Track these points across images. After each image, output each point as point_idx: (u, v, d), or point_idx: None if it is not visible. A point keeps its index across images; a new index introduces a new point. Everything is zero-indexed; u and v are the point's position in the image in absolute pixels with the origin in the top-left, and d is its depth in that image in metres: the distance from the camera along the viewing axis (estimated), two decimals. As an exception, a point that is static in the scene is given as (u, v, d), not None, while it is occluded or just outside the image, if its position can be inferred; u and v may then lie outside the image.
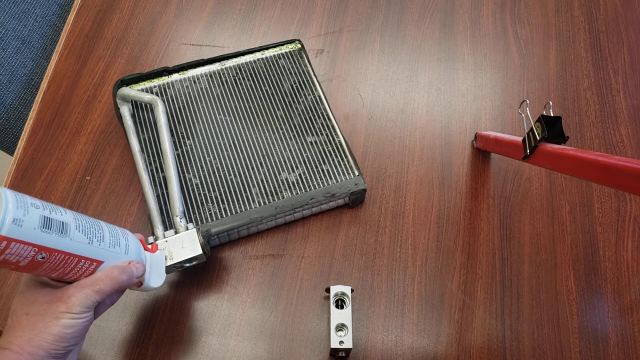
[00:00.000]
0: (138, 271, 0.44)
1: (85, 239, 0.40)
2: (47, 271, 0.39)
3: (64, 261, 0.39)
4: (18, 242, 0.35)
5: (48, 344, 0.36)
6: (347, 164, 0.64)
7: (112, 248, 0.43)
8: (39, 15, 0.85)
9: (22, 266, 0.37)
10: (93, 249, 0.41)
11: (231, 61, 0.71)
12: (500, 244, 0.63)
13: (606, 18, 0.81)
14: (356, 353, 0.57)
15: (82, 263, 0.40)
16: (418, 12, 0.80)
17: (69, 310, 0.37)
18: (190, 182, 0.62)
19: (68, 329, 0.37)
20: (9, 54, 0.80)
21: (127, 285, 0.43)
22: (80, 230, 0.40)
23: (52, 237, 0.37)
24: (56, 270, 0.39)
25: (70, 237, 0.39)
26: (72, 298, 0.37)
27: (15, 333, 0.36)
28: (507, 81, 0.75)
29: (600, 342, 0.58)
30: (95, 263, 0.41)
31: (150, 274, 0.48)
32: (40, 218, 0.37)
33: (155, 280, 0.49)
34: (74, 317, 0.37)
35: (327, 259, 0.62)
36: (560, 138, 0.50)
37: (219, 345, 0.57)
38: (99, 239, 0.42)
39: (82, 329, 0.38)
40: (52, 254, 0.37)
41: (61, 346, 0.37)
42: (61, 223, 0.39)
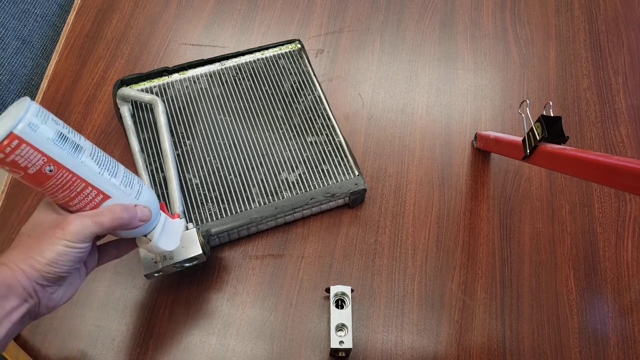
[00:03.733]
0: (143, 214, 0.42)
1: (97, 168, 0.40)
2: (52, 189, 0.39)
3: (70, 183, 0.39)
4: (29, 145, 0.36)
5: (40, 266, 0.37)
6: (347, 164, 0.64)
7: (122, 187, 0.42)
8: (39, 15, 0.85)
9: (30, 175, 0.37)
10: (102, 181, 0.41)
11: (231, 61, 0.71)
12: (500, 244, 0.63)
13: (606, 18, 0.81)
14: (356, 353, 0.57)
15: (88, 190, 0.40)
16: (418, 12, 0.80)
17: (64, 237, 0.37)
18: (190, 182, 0.62)
19: (61, 255, 0.37)
20: (9, 54, 0.80)
21: (128, 224, 0.41)
22: (94, 159, 0.40)
23: (63, 153, 0.38)
24: (62, 190, 0.39)
25: (81, 160, 0.39)
26: (70, 225, 0.38)
27: (15, 251, 0.37)
28: (507, 81, 0.75)
29: (600, 342, 0.58)
30: (101, 195, 0.41)
31: (161, 234, 0.46)
32: (56, 132, 0.38)
33: (166, 242, 0.47)
34: (68, 245, 0.37)
35: (327, 259, 0.62)
36: (560, 138, 0.50)
37: (219, 345, 0.57)
38: (112, 174, 0.42)
39: (75, 259, 0.38)
40: (60, 169, 0.38)
41: (53, 271, 0.37)
42: (76, 144, 0.39)
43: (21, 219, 0.62)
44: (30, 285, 0.37)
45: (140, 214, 0.42)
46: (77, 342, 0.56)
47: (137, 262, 0.60)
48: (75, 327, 0.57)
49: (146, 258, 0.53)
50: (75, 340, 0.56)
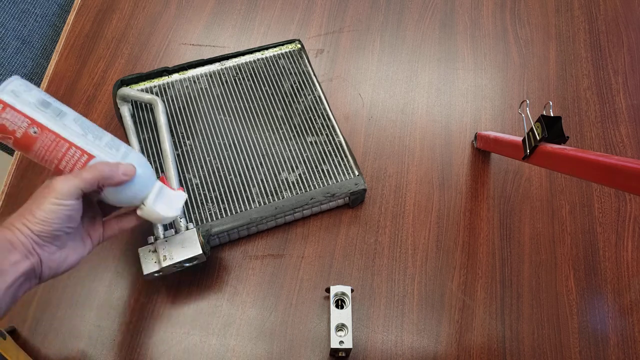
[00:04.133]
0: (126, 169, 0.43)
1: (81, 130, 0.43)
2: (41, 152, 0.42)
3: (55, 143, 0.42)
4: (13, 108, 0.40)
5: (33, 225, 0.39)
6: (347, 164, 0.64)
7: (107, 148, 0.44)
8: (39, 15, 0.85)
9: (19, 139, 0.41)
10: (86, 142, 0.43)
11: (231, 61, 0.71)
12: (500, 244, 0.63)
13: (606, 18, 0.81)
14: (356, 353, 0.57)
15: (72, 151, 0.42)
16: (418, 12, 0.80)
17: (51, 195, 0.39)
18: (190, 182, 0.62)
19: (50, 213, 0.39)
20: (9, 54, 0.80)
21: (110, 178, 0.42)
22: (78, 124, 0.43)
23: (46, 116, 0.42)
24: (49, 152, 0.42)
25: (64, 123, 0.42)
26: (57, 184, 0.40)
27: (12, 216, 0.41)
28: (507, 81, 0.75)
29: (600, 342, 0.58)
30: (86, 155, 0.43)
31: (156, 199, 0.47)
32: (39, 98, 0.42)
33: (162, 208, 0.47)
34: (55, 202, 0.40)
35: (327, 259, 0.62)
36: (560, 138, 0.50)
37: (219, 345, 0.57)
38: (96, 137, 0.44)
39: (64, 216, 0.40)
40: (44, 131, 0.41)
41: (45, 229, 0.39)
42: (59, 110, 0.43)
43: (21, 219, 0.62)
44: (29, 242, 0.39)
45: (123, 169, 0.43)
46: (77, 342, 0.56)
47: (137, 262, 0.60)
48: (75, 327, 0.57)
49: (146, 258, 0.53)
50: (75, 340, 0.56)
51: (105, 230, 0.47)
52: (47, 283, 0.59)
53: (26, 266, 0.39)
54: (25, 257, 0.39)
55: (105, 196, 0.45)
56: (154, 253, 0.54)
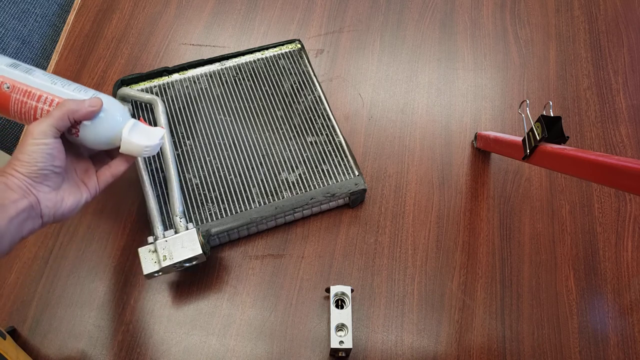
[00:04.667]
0: (92, 102, 0.47)
1: (49, 81, 0.49)
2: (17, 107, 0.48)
3: (27, 95, 0.48)
4: None
5: (20, 167, 0.44)
6: (347, 164, 0.64)
7: (75, 92, 0.49)
8: (39, 15, 0.85)
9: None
10: (54, 89, 0.48)
11: (231, 61, 0.71)
12: (500, 244, 0.63)
13: (606, 18, 0.81)
14: (356, 353, 0.57)
15: (44, 98, 0.48)
16: (418, 12, 0.80)
17: (30, 137, 0.44)
18: (190, 182, 0.62)
19: (32, 154, 0.44)
20: (9, 54, 0.80)
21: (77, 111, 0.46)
22: (46, 77, 0.49)
23: (16, 73, 0.48)
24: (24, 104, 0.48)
25: (33, 77, 0.48)
26: (32, 127, 0.45)
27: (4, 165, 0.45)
28: (507, 81, 0.75)
29: (600, 342, 0.58)
30: (56, 99, 0.48)
31: (132, 131, 0.49)
32: (8, 61, 0.49)
33: (138, 137, 0.49)
34: (34, 144, 0.44)
35: (327, 259, 0.62)
36: (560, 138, 0.50)
37: (219, 345, 0.57)
38: (64, 85, 0.49)
39: (45, 154, 0.44)
40: (16, 85, 0.47)
41: (31, 170, 0.44)
42: (28, 68, 0.49)
43: (21, 219, 0.62)
44: (23, 184, 0.43)
45: (89, 102, 0.47)
46: (77, 342, 0.56)
47: (137, 262, 0.60)
48: (75, 327, 0.57)
49: (146, 258, 0.53)
50: (75, 340, 0.56)
51: (100, 179, 0.51)
52: (47, 283, 0.59)
53: (25, 204, 0.42)
54: (23, 197, 0.43)
55: (83, 138, 0.48)
56: (154, 253, 0.54)
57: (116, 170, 0.51)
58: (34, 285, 0.59)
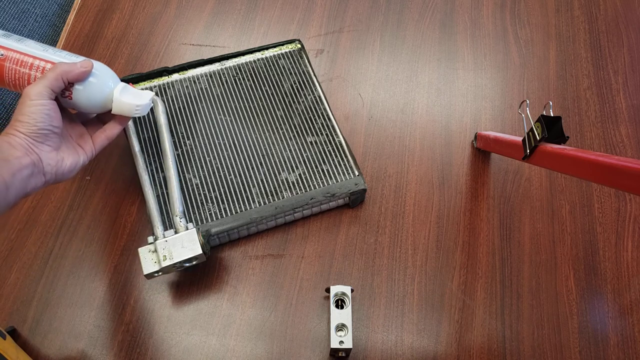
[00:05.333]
0: (83, 63, 0.49)
1: (41, 47, 0.51)
2: (11, 73, 0.50)
3: (21, 60, 0.50)
4: None
5: (21, 128, 0.45)
6: (347, 164, 0.64)
7: (67, 57, 0.51)
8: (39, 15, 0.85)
9: None
10: (46, 55, 0.50)
11: (231, 61, 0.71)
12: (500, 244, 0.63)
13: (606, 18, 0.81)
14: (356, 353, 0.57)
15: (37, 62, 0.50)
16: (418, 12, 0.80)
17: (27, 99, 0.46)
18: (190, 182, 0.62)
19: (31, 114, 0.45)
20: (9, 54, 0.80)
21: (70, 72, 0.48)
22: (39, 45, 0.51)
23: (9, 42, 0.50)
24: (18, 70, 0.50)
25: (26, 45, 0.51)
26: (28, 89, 0.46)
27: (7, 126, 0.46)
28: (507, 81, 0.75)
29: (600, 342, 0.58)
30: (49, 64, 0.50)
31: (121, 92, 0.51)
32: (1, 32, 0.51)
33: (128, 97, 0.52)
34: (31, 105, 0.46)
35: (327, 259, 0.62)
36: (560, 138, 0.50)
37: (219, 345, 0.57)
38: (56, 51, 0.51)
39: (43, 114, 0.46)
40: (9, 51, 0.50)
41: (32, 129, 0.45)
42: (19, 38, 0.51)
43: (20, 219, 0.63)
44: (24, 142, 0.45)
45: (81, 64, 0.49)
46: (77, 342, 0.56)
47: (137, 262, 0.60)
48: (75, 327, 0.57)
49: (146, 258, 0.53)
50: (75, 340, 0.56)
51: (95, 142, 0.52)
52: (47, 283, 0.59)
53: (28, 161, 0.44)
54: (26, 154, 0.44)
55: (76, 101, 0.50)
56: (154, 253, 0.54)
57: (111, 133, 0.53)
58: (34, 285, 0.59)
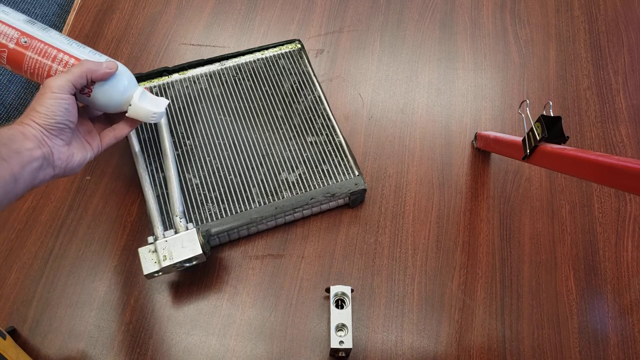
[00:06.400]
0: (108, 64, 0.49)
1: (65, 40, 0.50)
2: (32, 62, 0.48)
3: (44, 50, 0.48)
4: (4, 23, 0.48)
5: (38, 119, 0.45)
6: (347, 164, 0.64)
7: (91, 54, 0.50)
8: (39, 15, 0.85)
9: (12, 50, 0.48)
10: (71, 48, 0.50)
11: (231, 61, 0.71)
12: (500, 244, 0.63)
13: (606, 18, 0.81)
14: (356, 353, 0.57)
15: (61, 55, 0.49)
16: (418, 12, 0.80)
17: (49, 91, 0.45)
18: (190, 182, 0.62)
19: (49, 106, 0.45)
20: (9, 54, 0.80)
21: (95, 71, 0.48)
22: (63, 36, 0.50)
23: (33, 29, 0.49)
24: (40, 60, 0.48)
25: (50, 34, 0.49)
26: (51, 81, 0.46)
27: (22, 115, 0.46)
28: (507, 81, 0.75)
29: (600, 342, 0.58)
30: (73, 59, 0.49)
31: (141, 97, 0.51)
32: (25, 18, 0.50)
33: (147, 103, 0.51)
34: (52, 97, 0.45)
35: (327, 259, 0.62)
36: (560, 138, 0.50)
37: (219, 345, 0.57)
38: (80, 46, 0.51)
39: (62, 108, 0.45)
40: (33, 40, 0.48)
41: (49, 122, 0.45)
42: (44, 26, 0.50)
43: (21, 219, 0.63)
44: (39, 134, 0.44)
45: (106, 64, 0.49)
46: (77, 342, 0.56)
47: (137, 262, 0.60)
48: (75, 327, 0.57)
49: (146, 258, 0.53)
50: (75, 340, 0.56)
51: (103, 139, 0.52)
52: (47, 283, 0.59)
53: (39, 153, 0.44)
54: (38, 147, 0.44)
55: (94, 99, 0.49)
56: (154, 253, 0.54)
57: (120, 133, 0.53)
58: (34, 285, 0.59)
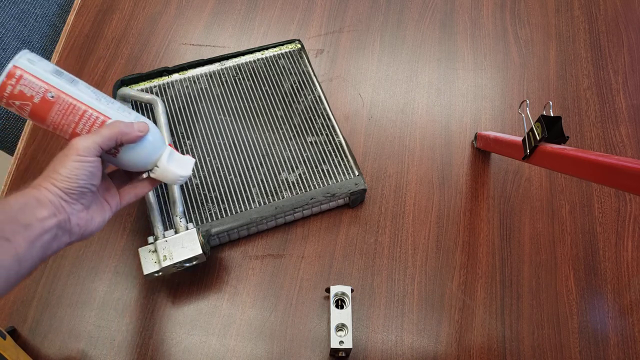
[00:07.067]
0: (140, 126, 0.46)
1: (94, 95, 0.46)
2: (58, 117, 0.44)
3: (72, 107, 0.44)
4: (30, 74, 0.43)
5: (58, 182, 0.41)
6: (347, 164, 0.64)
7: (120, 112, 0.46)
8: (39, 15, 0.85)
9: (37, 104, 0.43)
10: (100, 105, 0.45)
11: (231, 61, 0.71)
12: (500, 244, 0.63)
13: (606, 18, 0.81)
14: (356, 353, 0.57)
15: (88, 114, 0.45)
16: (418, 12, 0.80)
17: (74, 153, 0.42)
18: (190, 182, 0.62)
19: (73, 170, 0.42)
20: (9, 54, 0.80)
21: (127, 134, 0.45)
22: (91, 90, 0.46)
23: (61, 82, 0.44)
24: (66, 116, 0.44)
25: (78, 89, 0.45)
26: (78, 142, 0.42)
27: (38, 178, 0.43)
28: (507, 81, 0.75)
29: (600, 342, 0.58)
30: (102, 117, 0.45)
31: (169, 160, 0.49)
32: (52, 67, 0.45)
33: (176, 167, 0.49)
34: (76, 159, 0.42)
35: (327, 259, 0.62)
36: (560, 138, 0.50)
37: (219, 345, 0.57)
38: (108, 102, 0.46)
39: (87, 172, 0.42)
40: (60, 94, 0.44)
41: (71, 186, 0.42)
42: (72, 78, 0.45)
43: (21, 219, 0.62)
44: (56, 200, 0.41)
45: (137, 126, 0.46)
46: (77, 342, 0.56)
47: (137, 262, 0.60)
48: (75, 327, 0.57)
49: (146, 258, 0.53)
50: (75, 340, 0.56)
51: (122, 198, 0.49)
52: (47, 283, 0.59)
53: (53, 223, 0.40)
54: (53, 215, 0.41)
55: (120, 159, 0.46)
56: (154, 253, 0.54)
57: (141, 192, 0.50)
58: (34, 285, 0.59)
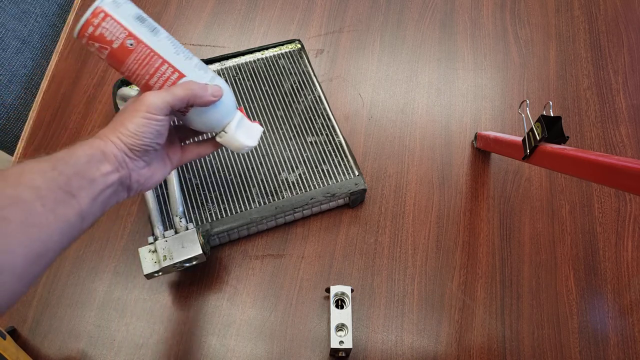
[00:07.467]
0: (214, 90, 0.44)
1: (173, 49, 0.44)
2: (133, 66, 0.42)
3: (149, 58, 0.43)
4: (113, 18, 0.41)
5: (126, 138, 0.40)
6: (347, 164, 0.64)
7: (196, 69, 0.45)
8: (39, 15, 0.85)
9: (115, 49, 0.42)
10: (177, 60, 0.44)
11: (231, 61, 0.71)
12: (500, 244, 0.63)
13: (606, 18, 0.81)
14: (356, 353, 0.57)
15: (164, 67, 0.43)
16: (418, 12, 0.80)
17: (142, 109, 0.41)
18: (190, 182, 0.62)
19: (141, 127, 0.41)
20: (9, 54, 0.80)
21: (200, 97, 0.43)
22: (170, 42, 0.44)
23: (142, 29, 0.42)
24: (142, 67, 0.43)
25: (158, 39, 0.43)
26: (150, 98, 0.41)
27: (105, 128, 0.42)
28: (507, 81, 0.75)
29: (600, 342, 0.58)
30: (177, 73, 0.44)
31: (237, 127, 0.47)
32: (136, 12, 0.43)
33: (242, 135, 0.48)
34: (146, 116, 0.40)
35: (327, 259, 0.62)
36: (560, 138, 0.50)
37: (219, 345, 0.57)
38: (187, 57, 0.45)
39: (154, 131, 0.41)
40: (140, 44, 0.42)
41: (137, 142, 0.41)
42: (154, 27, 0.44)
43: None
44: (120, 155, 0.40)
45: (212, 90, 0.44)
46: (77, 342, 0.56)
47: (137, 262, 0.60)
48: (75, 327, 0.57)
49: (146, 258, 0.53)
50: (75, 340, 0.56)
51: (184, 154, 0.48)
52: (47, 283, 0.59)
53: (115, 178, 0.40)
54: (116, 170, 0.40)
55: (189, 118, 0.45)
56: (154, 253, 0.54)
57: (204, 152, 0.50)
58: (34, 285, 0.59)
